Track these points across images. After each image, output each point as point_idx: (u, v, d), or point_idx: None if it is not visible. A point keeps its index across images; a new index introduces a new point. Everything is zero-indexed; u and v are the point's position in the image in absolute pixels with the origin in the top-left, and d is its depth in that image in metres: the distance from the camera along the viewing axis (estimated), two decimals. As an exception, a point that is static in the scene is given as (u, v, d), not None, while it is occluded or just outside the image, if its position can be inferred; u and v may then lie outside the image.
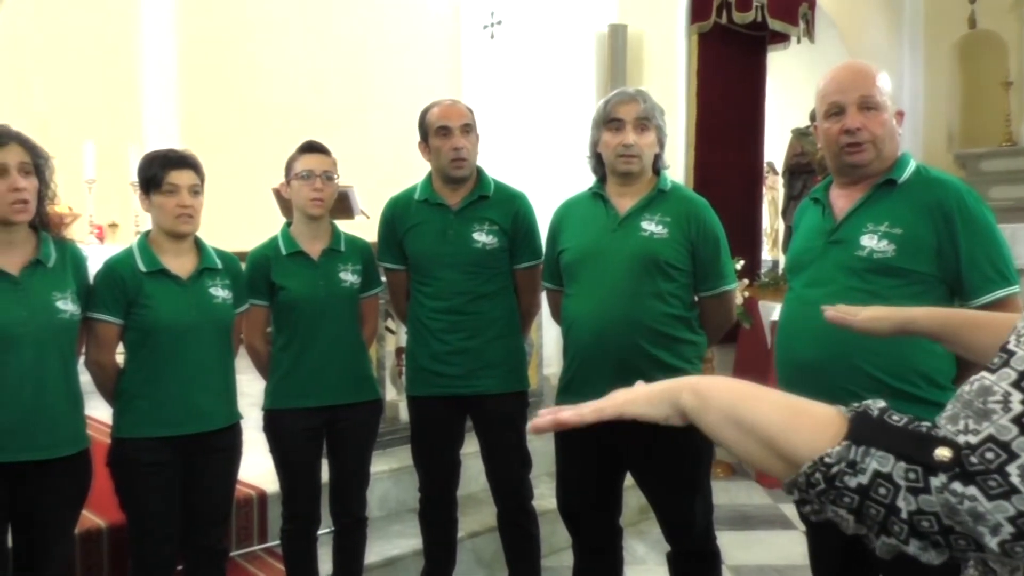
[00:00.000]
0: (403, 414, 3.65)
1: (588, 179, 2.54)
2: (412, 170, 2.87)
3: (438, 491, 2.80)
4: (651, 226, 2.34)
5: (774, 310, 4.72)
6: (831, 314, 1.52)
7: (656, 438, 2.32)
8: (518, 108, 5.07)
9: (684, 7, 5.20)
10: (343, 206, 4.37)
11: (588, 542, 2.54)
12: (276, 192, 3.81)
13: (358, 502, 2.73)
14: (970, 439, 0.66)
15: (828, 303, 1.94)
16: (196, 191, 2.33)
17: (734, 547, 3.58)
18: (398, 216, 2.75)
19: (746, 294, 4.77)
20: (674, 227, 2.35)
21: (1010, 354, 0.68)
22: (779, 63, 6.13)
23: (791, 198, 6.24)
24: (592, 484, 2.46)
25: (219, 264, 2.40)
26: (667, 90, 4.88)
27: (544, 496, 3.12)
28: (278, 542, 2.81)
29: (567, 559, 2.72)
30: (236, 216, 5.56)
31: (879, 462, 0.69)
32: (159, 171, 2.29)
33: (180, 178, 2.29)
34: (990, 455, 0.64)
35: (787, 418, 0.79)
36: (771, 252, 7.73)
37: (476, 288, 2.65)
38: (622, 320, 2.31)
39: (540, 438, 3.32)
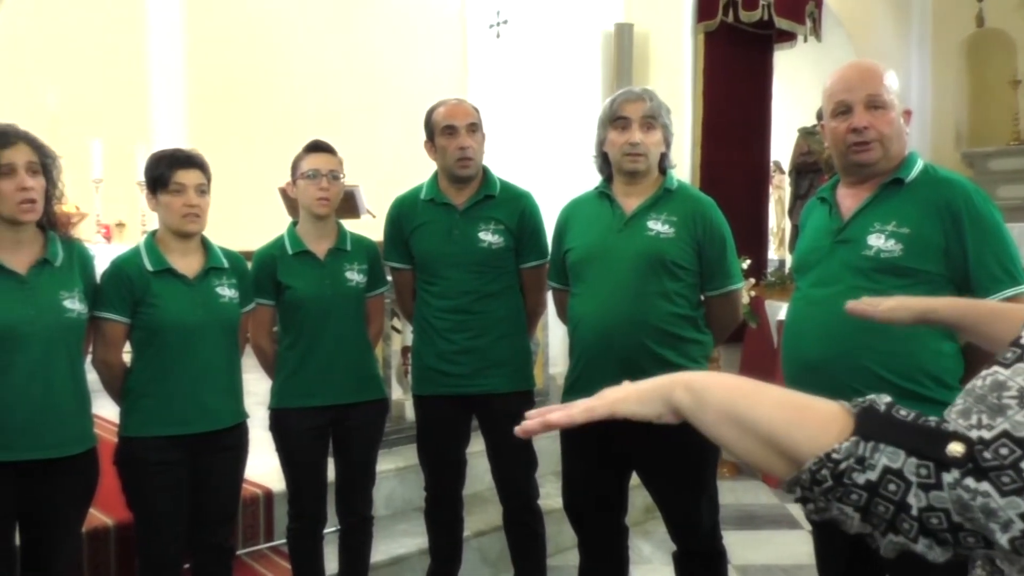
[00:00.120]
0: (409, 413, 3.66)
1: (594, 178, 2.54)
2: (418, 169, 2.87)
3: (444, 490, 2.80)
4: (657, 225, 2.34)
5: (780, 309, 4.71)
6: (852, 306, 1.52)
7: (662, 438, 2.33)
8: (524, 107, 5.06)
9: (690, 6, 5.19)
10: (349, 205, 4.37)
11: (594, 541, 2.53)
12: (282, 191, 3.82)
13: (364, 501, 2.73)
14: (983, 434, 0.65)
15: (835, 303, 1.94)
16: (203, 190, 2.33)
17: (740, 547, 3.57)
18: (404, 215, 2.75)
19: (752, 293, 4.76)
20: (680, 226, 2.34)
21: None
22: (786, 62, 6.11)
23: (797, 197, 6.23)
24: (598, 483, 2.46)
25: (225, 263, 2.41)
26: (673, 89, 4.87)
27: (550, 495, 3.11)
28: (284, 541, 2.81)
29: (573, 558, 2.72)
30: (242, 215, 5.57)
31: (889, 458, 0.67)
32: (166, 171, 2.30)
33: (187, 177, 2.29)
34: (1004, 451, 0.63)
35: (789, 414, 0.76)
36: (777, 251, 7.71)
37: (482, 287, 2.65)
38: (628, 319, 2.30)
39: (546, 437, 3.32)
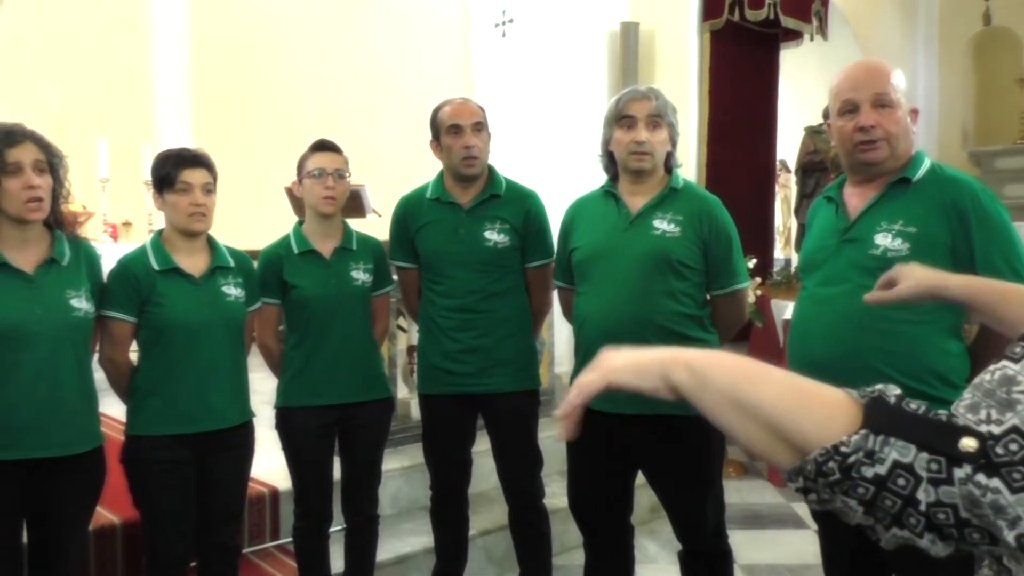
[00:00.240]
0: (415, 412, 3.65)
1: (600, 178, 2.53)
2: (424, 169, 2.87)
3: (449, 489, 2.80)
4: (663, 224, 2.33)
5: (786, 309, 4.70)
6: (870, 297, 1.55)
7: (668, 437, 2.33)
8: (530, 106, 5.06)
9: (696, 5, 5.18)
10: (355, 205, 4.38)
11: (599, 541, 2.53)
12: (288, 191, 3.82)
13: (370, 500, 2.73)
14: (992, 429, 0.64)
15: (842, 302, 1.94)
16: (209, 190, 2.34)
17: (746, 546, 3.56)
18: (410, 215, 2.75)
19: (758, 292, 4.75)
20: (686, 225, 2.34)
21: None
22: (792, 60, 6.09)
23: (804, 196, 6.21)
24: (603, 483, 2.46)
25: (231, 262, 2.41)
26: (679, 88, 4.87)
27: (555, 494, 3.11)
28: (290, 539, 2.82)
29: (578, 557, 2.72)
30: (249, 215, 5.57)
31: (899, 452, 0.66)
32: (172, 170, 2.30)
33: (193, 177, 2.30)
34: (1014, 446, 0.63)
35: (794, 401, 0.74)
36: (783, 250, 7.69)
37: (488, 287, 2.65)
38: (634, 319, 2.30)
39: (551, 437, 3.32)
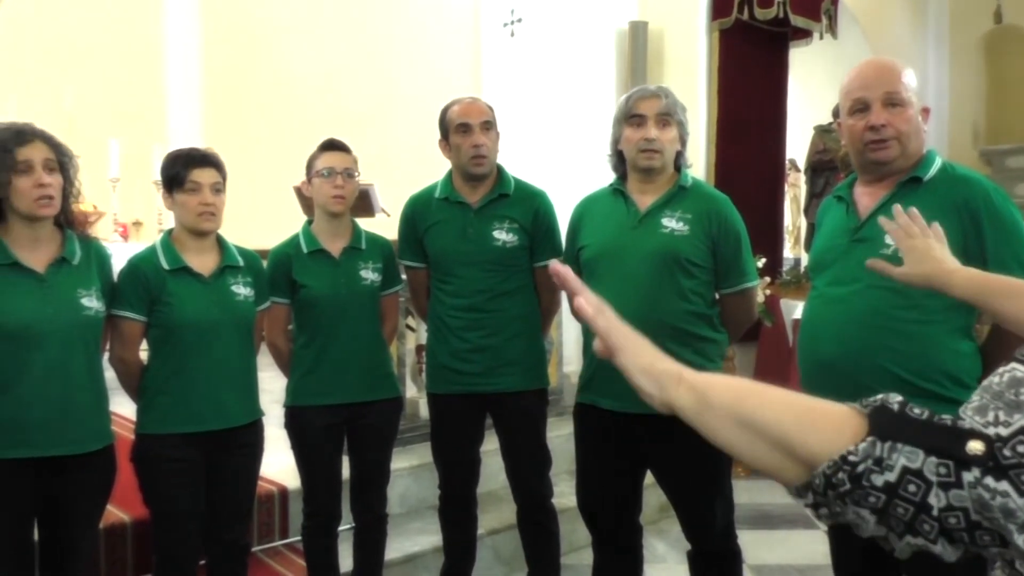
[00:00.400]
0: (423, 411, 3.66)
1: (608, 177, 2.53)
2: (432, 168, 2.87)
3: (458, 488, 2.80)
4: (672, 223, 2.33)
5: (796, 308, 4.69)
6: (872, 262, 1.54)
7: (677, 437, 2.32)
8: (538, 106, 5.05)
9: (705, 4, 5.16)
10: (363, 204, 4.38)
11: (608, 540, 2.53)
12: (297, 190, 3.83)
13: (378, 499, 2.74)
14: (1000, 431, 0.64)
15: (852, 302, 1.93)
16: (218, 189, 2.34)
17: (755, 546, 3.55)
18: (418, 214, 2.75)
19: (767, 292, 4.74)
20: (695, 224, 2.33)
21: None
22: (801, 59, 6.07)
23: (813, 195, 6.20)
24: (612, 482, 2.45)
25: (241, 262, 2.42)
26: (688, 87, 4.85)
27: (564, 494, 3.11)
28: (299, 538, 2.83)
29: (587, 557, 2.72)
30: (258, 214, 5.59)
31: (908, 458, 0.66)
32: (181, 170, 2.31)
33: (202, 176, 2.31)
34: (1022, 448, 0.62)
35: (799, 417, 0.74)
36: (793, 250, 7.66)
37: (496, 286, 2.65)
38: (642, 318, 2.26)
39: (560, 436, 3.32)
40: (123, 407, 2.61)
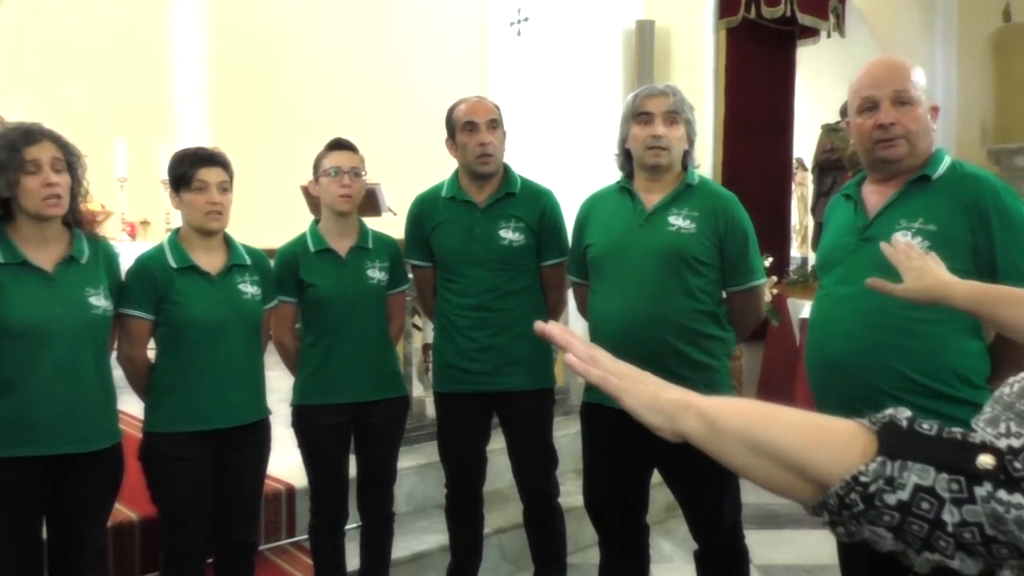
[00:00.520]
0: (430, 410, 3.66)
1: (615, 176, 2.52)
2: (439, 168, 2.87)
3: (464, 487, 2.80)
4: (679, 221, 2.32)
5: (803, 307, 4.68)
6: (872, 281, 1.55)
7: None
8: (545, 105, 5.05)
9: (712, 2, 5.15)
10: (370, 203, 4.38)
11: (614, 539, 2.52)
12: (304, 189, 3.84)
13: (385, 498, 2.74)
14: (1012, 442, 0.63)
15: (860, 301, 1.93)
16: (225, 188, 2.35)
17: (762, 546, 3.54)
18: (425, 213, 2.75)
19: (774, 291, 4.73)
20: (702, 222, 2.32)
21: None
22: (808, 58, 6.05)
23: (820, 194, 6.18)
24: (619, 481, 2.45)
25: (248, 260, 2.42)
26: (695, 86, 4.84)
27: (570, 493, 3.11)
28: (306, 536, 2.83)
29: (593, 556, 2.71)
30: (265, 213, 5.60)
31: (919, 475, 0.66)
32: (189, 169, 2.31)
33: (209, 175, 2.31)
34: None
35: (808, 436, 0.74)
36: (800, 249, 7.65)
37: (503, 285, 2.65)
38: (650, 316, 2.29)
39: (567, 435, 3.32)
40: (131, 406, 2.62)
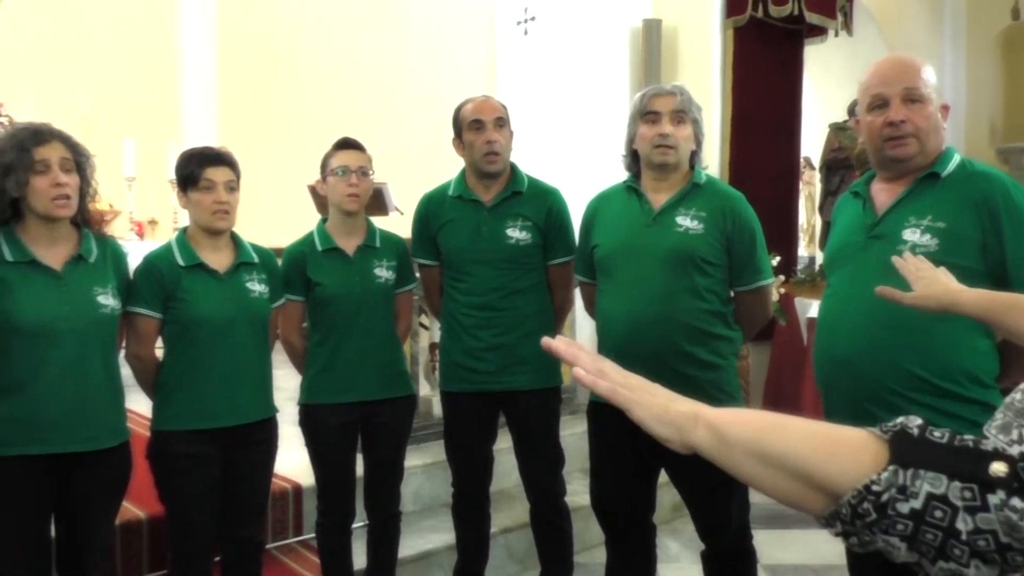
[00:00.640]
0: (436, 409, 3.67)
1: (622, 176, 2.52)
2: (446, 167, 2.87)
3: (471, 486, 2.80)
4: (686, 221, 2.32)
5: (811, 307, 4.67)
6: (882, 290, 1.56)
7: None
8: (552, 104, 5.05)
9: (719, 1, 5.14)
10: (377, 202, 4.39)
11: (621, 539, 2.52)
12: (312, 189, 3.84)
13: (392, 497, 2.74)
14: None
15: (868, 299, 1.92)
16: (232, 187, 2.35)
17: (770, 546, 3.54)
18: (432, 212, 2.75)
19: (782, 291, 4.72)
20: (709, 222, 2.32)
21: None
22: (816, 57, 6.03)
23: (828, 193, 6.16)
24: (626, 481, 2.45)
25: (255, 259, 2.43)
26: (702, 85, 4.83)
27: (577, 492, 3.11)
28: (313, 535, 2.84)
29: (600, 556, 2.71)
30: (272, 212, 5.61)
31: (931, 484, 0.65)
32: (196, 168, 2.32)
33: (216, 175, 2.32)
34: None
35: (819, 446, 0.74)
36: (807, 248, 7.62)
37: (509, 284, 2.64)
38: (657, 316, 2.28)
39: (574, 434, 3.31)
40: (139, 404, 2.62)
